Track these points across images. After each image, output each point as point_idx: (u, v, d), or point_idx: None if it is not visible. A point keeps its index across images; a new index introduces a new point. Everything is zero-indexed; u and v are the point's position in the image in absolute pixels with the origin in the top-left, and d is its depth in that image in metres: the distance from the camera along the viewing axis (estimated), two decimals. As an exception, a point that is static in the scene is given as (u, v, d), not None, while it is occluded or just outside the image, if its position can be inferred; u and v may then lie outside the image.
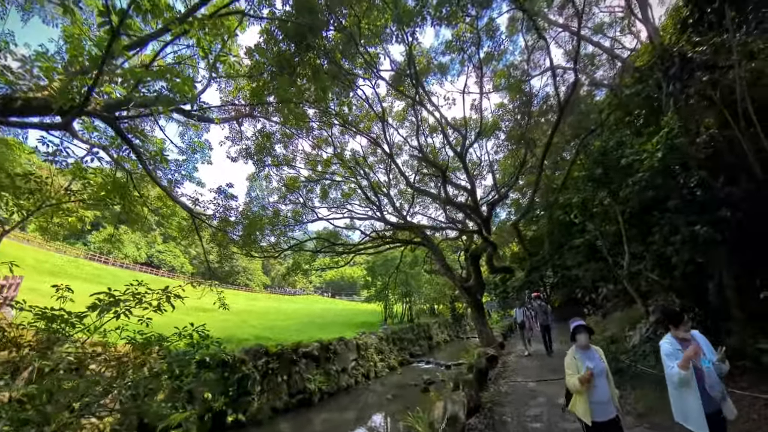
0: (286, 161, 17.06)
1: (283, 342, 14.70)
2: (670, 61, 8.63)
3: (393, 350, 22.35)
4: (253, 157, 15.21)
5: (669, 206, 7.65)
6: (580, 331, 4.45)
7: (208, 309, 26.89)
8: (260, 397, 11.75)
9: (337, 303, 61.82)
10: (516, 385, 9.11)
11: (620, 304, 13.86)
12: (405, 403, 13.64)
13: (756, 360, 6.43)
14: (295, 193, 18.62)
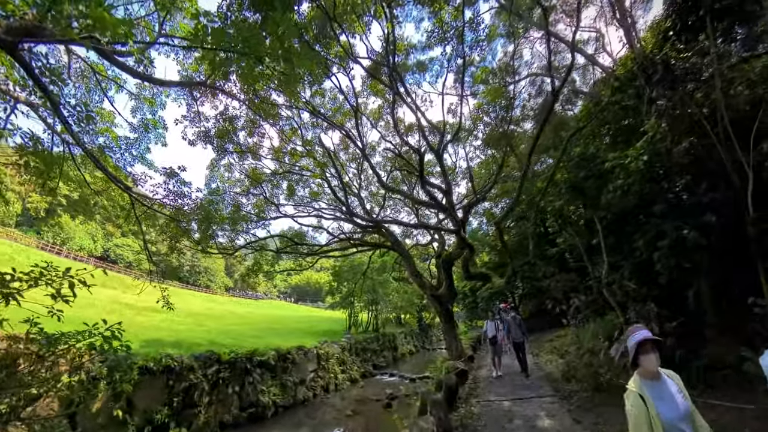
0: (251, 151, 15.71)
1: (238, 349, 13.69)
2: (653, 68, 8.51)
3: (356, 361, 21.49)
4: (213, 142, 13.78)
5: (654, 211, 7.42)
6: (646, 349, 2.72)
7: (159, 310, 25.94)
8: (208, 409, 10.90)
9: (301, 309, 60.08)
10: (489, 405, 8.27)
11: (592, 316, 13.46)
12: (365, 420, 13.04)
13: (737, 368, 6.22)
14: (258, 187, 17.22)
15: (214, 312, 32.69)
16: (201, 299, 45.05)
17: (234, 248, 16.66)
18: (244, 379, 12.59)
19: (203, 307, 36.75)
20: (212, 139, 13.64)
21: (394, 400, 15.02)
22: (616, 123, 10.45)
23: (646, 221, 7.34)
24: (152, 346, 12.11)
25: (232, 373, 12.19)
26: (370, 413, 13.71)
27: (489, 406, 8.27)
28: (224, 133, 13.51)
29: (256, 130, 14.61)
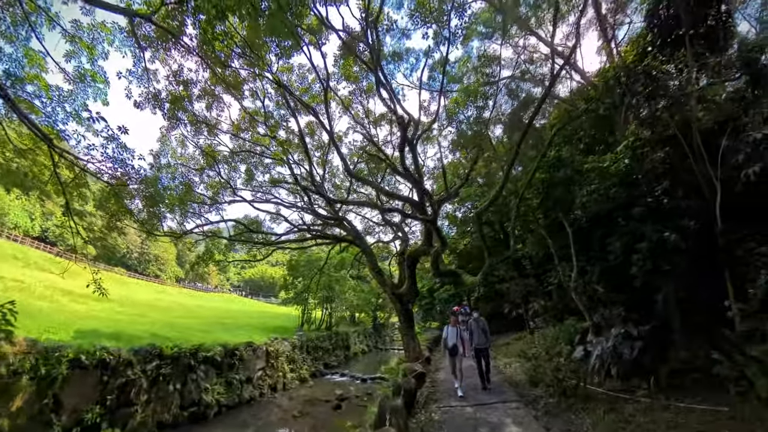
0: (208, 125, 14.13)
1: (182, 343, 12.82)
2: (634, 77, 8.56)
3: (306, 360, 20.86)
4: (164, 108, 12.06)
5: (633, 213, 7.36)
6: None
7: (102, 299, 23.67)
8: (145, 408, 10.14)
9: (254, 304, 57.56)
10: (450, 411, 7.73)
11: (551, 320, 13.55)
12: (313, 422, 12.59)
13: (707, 371, 6.30)
14: (214, 168, 15.69)
15: (161, 303, 30.71)
16: (149, 289, 41.79)
17: (183, 232, 15.04)
18: (187, 376, 11.84)
19: (150, 297, 34.28)
20: (163, 104, 11.95)
21: (344, 401, 14.63)
22: (590, 130, 10.53)
23: (625, 224, 7.19)
24: (87, 337, 11.09)
25: (175, 370, 11.45)
26: (318, 415, 13.25)
27: (450, 412, 7.73)
28: (178, 99, 11.93)
29: (215, 103, 13.10)
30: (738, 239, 6.57)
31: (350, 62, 11.87)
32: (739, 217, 6.83)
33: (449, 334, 9.47)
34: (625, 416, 5.96)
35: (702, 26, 7.72)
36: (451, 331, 9.46)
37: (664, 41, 8.16)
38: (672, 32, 7.96)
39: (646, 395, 6.58)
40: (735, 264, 6.53)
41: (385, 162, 13.41)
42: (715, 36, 7.69)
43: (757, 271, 6.04)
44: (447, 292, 28.75)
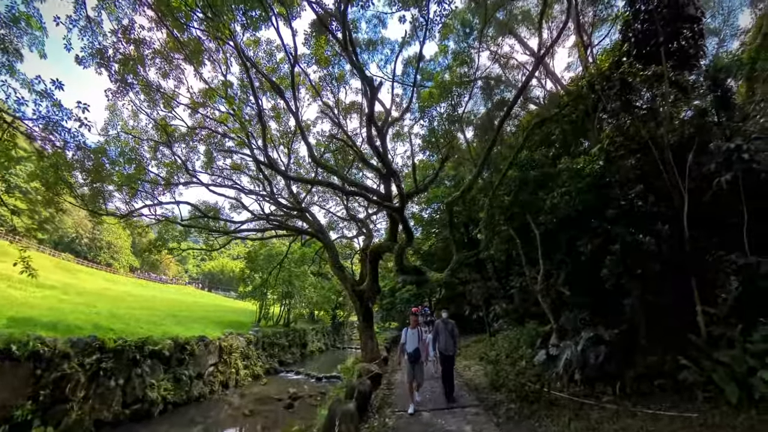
0: (164, 98, 12.72)
1: (128, 336, 12.00)
2: (611, 82, 8.60)
3: (261, 356, 20.26)
4: (112, 69, 10.55)
5: (606, 215, 7.20)
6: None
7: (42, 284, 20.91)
8: (83, 405, 9.43)
9: (212, 297, 55.09)
10: (407, 417, 7.21)
11: (512, 323, 13.47)
12: (264, 421, 12.23)
13: (674, 377, 6.28)
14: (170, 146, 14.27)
15: (111, 293, 28.39)
16: (98, 278, 38.55)
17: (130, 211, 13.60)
18: (132, 370, 11.11)
19: (99, 286, 31.60)
20: (110, 64, 10.46)
21: (297, 400, 14.24)
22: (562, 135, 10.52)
23: (598, 225, 7.02)
24: (21, 325, 10.23)
25: (118, 364, 10.70)
26: (269, 414, 12.86)
27: (405, 417, 7.25)
28: (128, 60, 10.54)
29: (173, 72, 11.75)
30: (706, 247, 6.62)
31: (322, 42, 11.11)
32: (707, 226, 6.94)
33: (408, 338, 7.89)
34: (591, 423, 5.76)
35: (674, 43, 7.82)
36: (411, 335, 7.89)
37: (639, 53, 8.23)
38: (647, 45, 8.04)
39: (611, 401, 6.43)
40: (702, 270, 6.57)
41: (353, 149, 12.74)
42: (686, 54, 7.83)
43: (727, 277, 6.08)
44: (409, 292, 28.49)
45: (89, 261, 52.18)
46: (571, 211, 7.90)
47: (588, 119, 9.36)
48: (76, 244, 57.32)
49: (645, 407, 6.03)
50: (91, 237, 59.73)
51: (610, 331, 6.66)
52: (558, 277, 9.25)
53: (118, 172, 12.80)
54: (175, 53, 11.40)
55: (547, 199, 8.27)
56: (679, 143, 7.66)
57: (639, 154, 7.58)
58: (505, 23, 12.30)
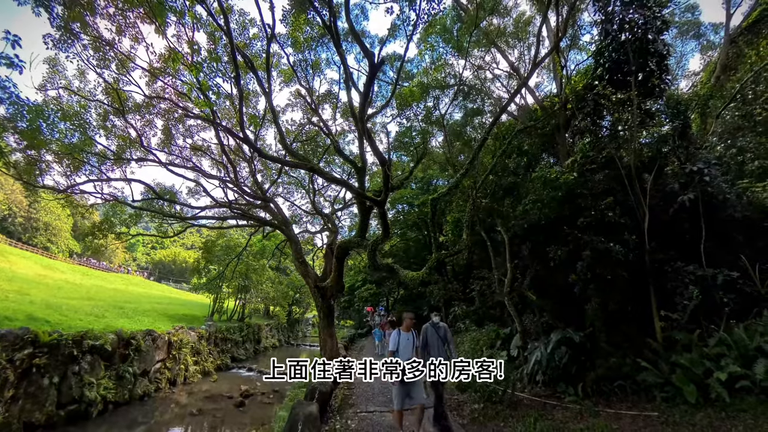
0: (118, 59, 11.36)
1: (66, 328, 11.11)
2: (584, 102, 9.08)
3: (213, 352, 19.50)
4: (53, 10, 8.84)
5: (578, 223, 7.54)
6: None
7: None
8: (11, 406, 8.66)
9: (163, 288, 51.80)
10: (369, 418, 7.06)
11: (471, 325, 13.74)
12: (212, 421, 11.71)
13: (632, 378, 6.57)
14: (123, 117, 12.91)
15: (48, 280, 26.15)
16: (34, 263, 34.66)
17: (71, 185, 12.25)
18: (68, 367, 10.20)
19: (34, 272, 28.96)
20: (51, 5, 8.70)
21: (249, 398, 13.86)
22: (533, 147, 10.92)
23: (570, 233, 7.27)
24: None
25: (52, 360, 9.77)
26: (218, 413, 12.36)
27: (368, 418, 7.08)
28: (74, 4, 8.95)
29: (128, 29, 10.42)
30: (664, 259, 7.07)
31: (301, 21, 10.60)
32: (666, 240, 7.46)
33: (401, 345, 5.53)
34: (556, 423, 5.91)
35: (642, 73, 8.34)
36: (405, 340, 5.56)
37: (611, 77, 8.71)
38: (619, 72, 8.52)
39: (573, 401, 6.66)
40: (661, 280, 7.02)
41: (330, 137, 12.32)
42: (651, 84, 8.40)
43: (686, 286, 6.55)
44: (368, 291, 28.44)
45: (23, 243, 46.76)
46: (542, 218, 8.20)
47: (558, 134, 9.77)
48: (8, 224, 51.23)
49: (607, 407, 6.30)
50: (27, 216, 53.42)
51: (578, 334, 6.90)
52: (523, 281, 9.49)
53: (58, 140, 11.42)
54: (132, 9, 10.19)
55: (519, 205, 8.52)
56: (641, 163, 8.23)
57: (607, 170, 8.06)
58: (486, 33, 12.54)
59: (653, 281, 6.97)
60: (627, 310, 7.55)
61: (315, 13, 9.37)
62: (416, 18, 8.14)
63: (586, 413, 6.16)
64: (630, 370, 6.60)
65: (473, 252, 15.20)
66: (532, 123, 10.63)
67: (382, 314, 22.60)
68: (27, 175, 11.32)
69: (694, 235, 7.05)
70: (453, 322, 15.97)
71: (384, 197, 8.47)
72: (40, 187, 12.10)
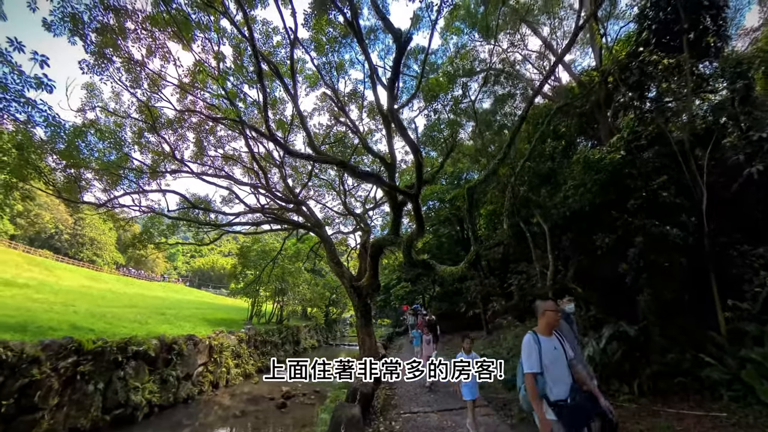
0: (150, 79, 11.91)
1: (110, 336, 11.27)
2: (628, 72, 8.19)
3: (253, 354, 19.63)
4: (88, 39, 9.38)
5: (628, 206, 6.85)
6: None
7: (11, 282, 20.58)
8: (56, 412, 8.65)
9: (202, 294, 53.81)
10: (413, 419, 6.84)
11: (511, 320, 13.21)
12: (255, 422, 11.68)
13: (694, 375, 5.99)
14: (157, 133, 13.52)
15: (93, 291, 27.35)
16: (79, 275, 36.86)
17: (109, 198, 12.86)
18: (113, 373, 10.30)
19: (79, 284, 30.53)
20: (86, 32, 9.32)
21: (290, 399, 13.78)
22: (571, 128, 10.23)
23: (619, 217, 6.69)
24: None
25: (97, 367, 9.85)
26: (260, 414, 12.31)
27: (413, 420, 6.85)
28: (106, 30, 9.56)
29: (158, 49, 10.85)
30: (728, 242, 6.37)
31: (323, 22, 10.59)
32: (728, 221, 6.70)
33: (548, 357, 3.27)
34: None
35: (694, 31, 7.53)
36: (552, 349, 3.32)
37: (658, 41, 7.93)
38: (667, 34, 7.78)
39: (629, 400, 6.13)
40: (724, 266, 6.32)
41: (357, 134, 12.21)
42: (707, 44, 7.53)
43: (756, 272, 5.85)
44: (403, 289, 28.21)
45: (70, 258, 50.22)
46: (585, 205, 7.59)
47: (599, 112, 9.04)
48: (55, 241, 55.29)
49: (666, 406, 5.76)
50: (73, 233, 57.45)
51: (632, 327, 6.34)
52: (566, 273, 8.93)
53: (97, 158, 11.94)
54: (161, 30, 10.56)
55: (559, 192, 7.97)
56: (695, 137, 7.42)
57: (656, 147, 7.30)
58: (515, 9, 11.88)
59: (714, 268, 6.28)
60: (684, 300, 6.88)
61: (337, 10, 9.35)
62: (440, 2, 7.82)
63: (644, 412, 5.66)
64: (691, 365, 6.02)
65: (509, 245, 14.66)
66: (570, 101, 9.85)
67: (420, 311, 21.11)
68: (67, 193, 11.87)
69: (765, 213, 6.25)
70: (492, 318, 15.52)
71: (417, 189, 8.13)
72: (81, 203, 12.68)
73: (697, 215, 6.53)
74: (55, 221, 54.34)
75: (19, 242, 44.97)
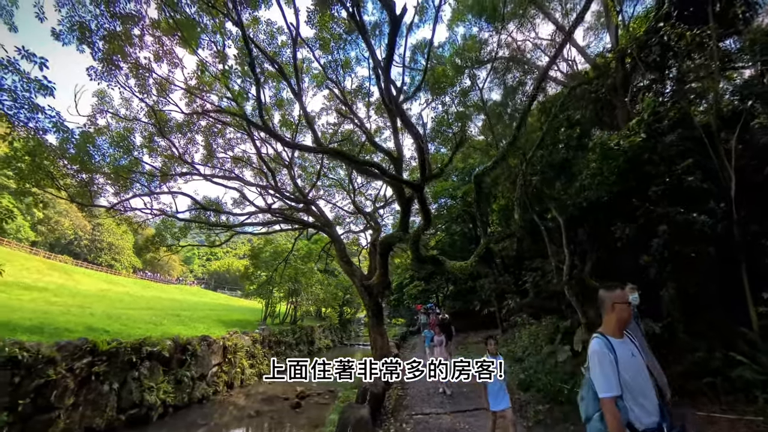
0: (158, 84, 12.01)
1: (125, 337, 11.50)
2: (647, 49, 7.74)
3: (267, 354, 19.67)
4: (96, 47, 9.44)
5: (650, 193, 6.43)
6: None
7: (31, 287, 21.01)
8: (71, 412, 8.80)
9: (218, 296, 54.78)
10: (425, 421, 6.59)
11: (527, 318, 12.76)
12: (270, 422, 11.75)
13: (724, 374, 5.53)
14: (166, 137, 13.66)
15: (110, 294, 28.13)
16: (97, 279, 38.01)
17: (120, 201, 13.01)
18: (128, 374, 10.46)
19: (97, 287, 31.31)
20: (93, 40, 9.39)
21: (305, 399, 13.83)
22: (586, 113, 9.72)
23: (639, 206, 6.27)
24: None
25: (111, 367, 10.01)
26: (275, 414, 12.36)
27: (425, 422, 6.60)
28: (114, 37, 9.59)
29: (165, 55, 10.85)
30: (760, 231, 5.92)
31: (326, 18, 10.40)
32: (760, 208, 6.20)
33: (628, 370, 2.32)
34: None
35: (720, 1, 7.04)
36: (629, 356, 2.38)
37: (680, 14, 7.41)
38: (690, 6, 7.27)
39: None
40: (756, 256, 5.86)
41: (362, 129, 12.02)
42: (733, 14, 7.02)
43: None
44: (416, 288, 27.90)
45: (89, 263, 51.55)
46: (602, 194, 7.16)
47: (615, 96, 8.55)
48: (75, 246, 56.92)
49: (696, 409, 5.34)
50: (91, 238, 59.17)
51: (657, 324, 5.91)
52: (584, 267, 8.51)
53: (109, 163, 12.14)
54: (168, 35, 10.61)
55: (575, 182, 7.55)
56: (721, 119, 6.88)
57: (680, 129, 6.78)
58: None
59: (745, 257, 5.82)
60: (712, 293, 6.41)
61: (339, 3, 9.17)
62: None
63: None
64: (720, 365, 5.57)
65: (522, 241, 14.20)
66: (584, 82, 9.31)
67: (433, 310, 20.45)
68: (80, 197, 12.03)
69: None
70: (507, 316, 15.10)
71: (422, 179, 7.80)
72: (93, 206, 12.86)
73: (726, 201, 6.06)
74: (75, 227, 55.94)
75: (40, 249, 46.27)
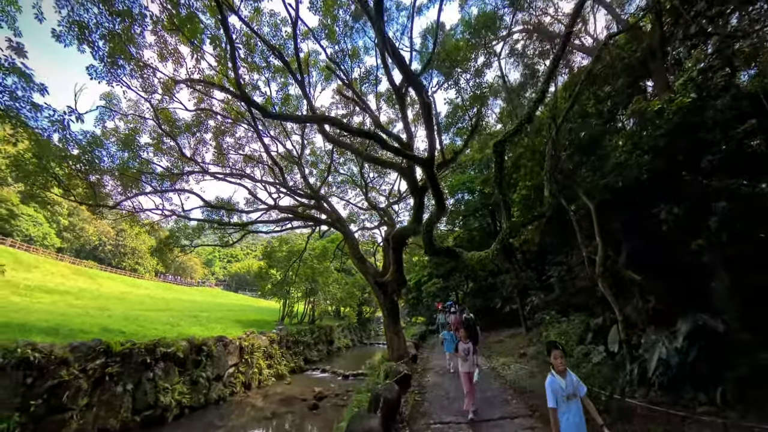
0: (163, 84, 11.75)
1: (141, 338, 11.51)
2: None
3: (285, 355, 19.46)
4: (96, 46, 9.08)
5: (702, 166, 5.43)
6: None
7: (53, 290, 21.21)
8: (85, 413, 8.75)
9: (238, 298, 55.67)
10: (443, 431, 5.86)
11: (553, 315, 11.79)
12: (287, 424, 11.57)
13: None
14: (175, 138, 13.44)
15: (131, 296, 28.63)
16: (120, 283, 39.22)
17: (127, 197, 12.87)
18: (142, 375, 10.40)
19: (118, 290, 32.11)
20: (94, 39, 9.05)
21: (322, 400, 13.55)
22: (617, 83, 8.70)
23: (690, 180, 5.34)
24: (12, 331, 9.67)
25: (125, 368, 9.97)
26: (292, 416, 12.19)
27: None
28: (116, 36, 9.27)
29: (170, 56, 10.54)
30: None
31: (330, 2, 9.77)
32: None
33: None
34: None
35: None
36: None
37: None
38: None
39: (710, 412, 4.85)
40: None
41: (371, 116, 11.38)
42: None
43: None
44: (435, 286, 27.05)
45: (114, 267, 53.21)
46: (642, 171, 6.20)
47: (653, 61, 7.53)
48: (99, 252, 58.84)
49: (764, 422, 4.43)
50: (115, 243, 61.25)
51: (718, 321, 4.99)
52: (618, 258, 7.59)
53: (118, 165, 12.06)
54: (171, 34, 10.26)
55: (608, 160, 6.62)
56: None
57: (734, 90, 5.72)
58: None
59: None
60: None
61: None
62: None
63: (735, 430, 4.40)
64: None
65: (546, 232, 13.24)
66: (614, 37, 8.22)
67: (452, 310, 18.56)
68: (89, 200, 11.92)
69: None
70: (531, 314, 14.16)
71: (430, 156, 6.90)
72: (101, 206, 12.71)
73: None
74: (99, 234, 57.74)
75: (66, 254, 47.71)
